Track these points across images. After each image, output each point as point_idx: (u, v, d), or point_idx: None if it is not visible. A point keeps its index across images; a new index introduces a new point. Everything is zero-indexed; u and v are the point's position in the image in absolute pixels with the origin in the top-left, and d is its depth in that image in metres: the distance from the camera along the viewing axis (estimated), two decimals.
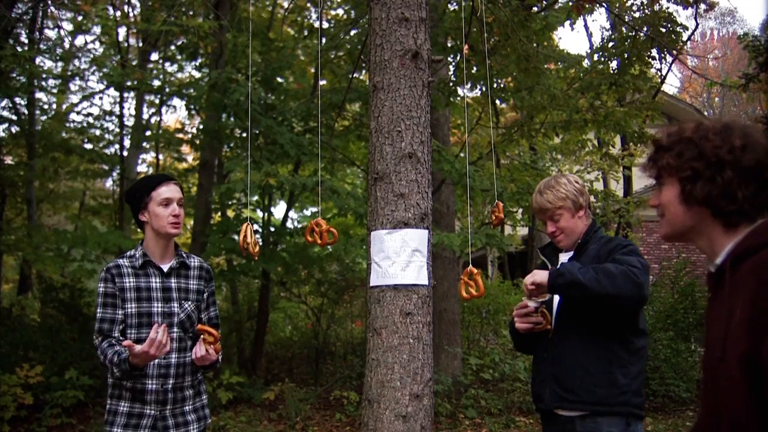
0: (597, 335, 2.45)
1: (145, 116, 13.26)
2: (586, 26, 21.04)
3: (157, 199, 2.56)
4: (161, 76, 11.28)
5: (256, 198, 9.40)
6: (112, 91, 13.26)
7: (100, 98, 18.57)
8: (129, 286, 2.55)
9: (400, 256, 3.21)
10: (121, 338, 2.53)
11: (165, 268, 2.61)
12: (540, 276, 2.42)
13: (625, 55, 7.05)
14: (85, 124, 12.09)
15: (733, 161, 1.32)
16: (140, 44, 11.97)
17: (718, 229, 1.37)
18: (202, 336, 2.46)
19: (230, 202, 9.54)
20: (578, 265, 2.40)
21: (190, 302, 2.62)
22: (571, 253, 2.65)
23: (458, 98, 8.23)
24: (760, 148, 1.32)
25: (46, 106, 12.70)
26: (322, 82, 10.03)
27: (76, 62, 12.58)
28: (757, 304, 1.21)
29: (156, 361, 2.47)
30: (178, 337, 2.56)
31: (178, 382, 2.55)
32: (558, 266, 2.49)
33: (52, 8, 10.27)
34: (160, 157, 13.78)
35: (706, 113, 21.61)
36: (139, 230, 2.88)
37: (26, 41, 9.76)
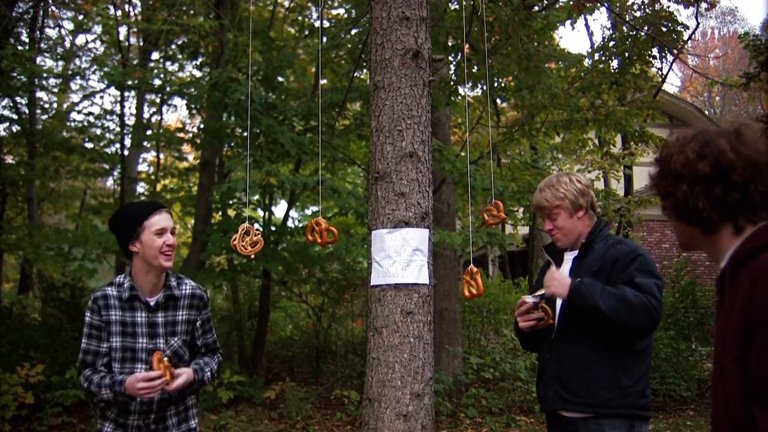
0: (599, 337, 2.43)
1: (146, 115, 13.28)
2: (586, 25, 21.07)
3: (151, 229, 2.44)
4: (162, 76, 11.28)
5: (256, 197, 9.40)
6: (112, 91, 13.28)
7: (101, 97, 18.61)
8: (114, 319, 2.47)
9: (400, 255, 3.21)
10: (105, 370, 2.49)
11: (152, 302, 2.51)
12: (561, 287, 2.40)
13: (626, 54, 7.04)
14: (85, 123, 12.08)
15: (687, 174, 1.36)
16: (141, 43, 11.97)
17: (702, 237, 1.40)
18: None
19: (231, 202, 9.54)
20: (600, 286, 2.36)
21: (177, 337, 2.54)
22: (576, 252, 2.63)
23: (459, 97, 8.22)
24: (718, 154, 1.33)
25: (46, 105, 12.71)
26: (323, 82, 10.02)
27: (77, 61, 12.61)
28: (749, 306, 1.22)
29: (139, 399, 2.44)
30: None
31: (160, 415, 2.53)
32: (579, 281, 2.41)
33: (53, 7, 10.27)
34: (161, 156, 13.78)
35: (706, 112, 21.60)
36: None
37: (27, 40, 9.76)
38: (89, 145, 11.42)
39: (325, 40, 8.55)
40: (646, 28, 6.71)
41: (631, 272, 2.41)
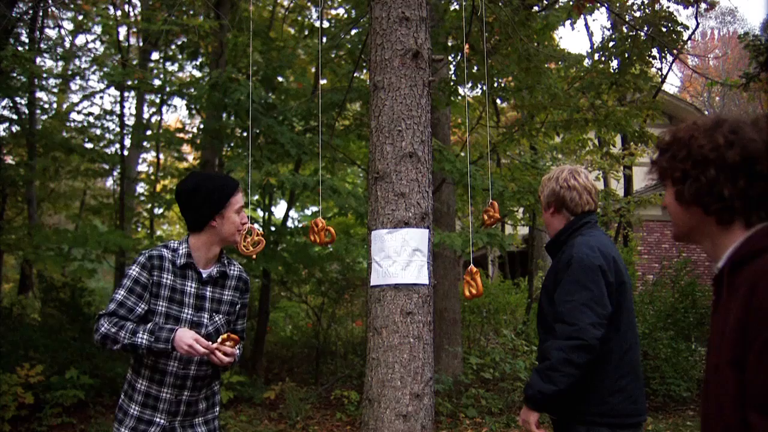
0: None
1: (146, 115, 13.28)
2: (586, 26, 21.07)
3: (235, 206, 2.43)
4: (162, 76, 11.28)
5: (256, 197, 9.40)
6: (112, 91, 13.30)
7: (101, 98, 18.64)
8: (165, 282, 2.38)
9: (400, 256, 3.21)
10: None
11: (204, 274, 2.45)
12: (525, 414, 2.44)
13: (626, 55, 7.04)
14: (85, 124, 12.07)
15: (716, 159, 1.32)
16: (141, 43, 11.98)
17: (714, 228, 1.37)
18: (222, 342, 2.31)
19: None
20: (536, 376, 2.38)
21: (221, 315, 2.49)
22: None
23: (459, 97, 8.23)
24: (747, 143, 1.30)
25: (46, 106, 12.70)
26: (323, 82, 10.03)
27: (77, 62, 12.57)
28: (748, 310, 1.21)
29: (174, 371, 2.38)
30: None
31: (193, 394, 2.45)
32: (523, 399, 2.54)
33: (53, 8, 10.27)
34: (161, 156, 13.78)
35: (706, 113, 21.60)
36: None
37: (27, 41, 9.76)
38: (89, 146, 11.42)
39: (324, 40, 8.55)
40: (645, 28, 6.72)
41: (562, 284, 2.41)
